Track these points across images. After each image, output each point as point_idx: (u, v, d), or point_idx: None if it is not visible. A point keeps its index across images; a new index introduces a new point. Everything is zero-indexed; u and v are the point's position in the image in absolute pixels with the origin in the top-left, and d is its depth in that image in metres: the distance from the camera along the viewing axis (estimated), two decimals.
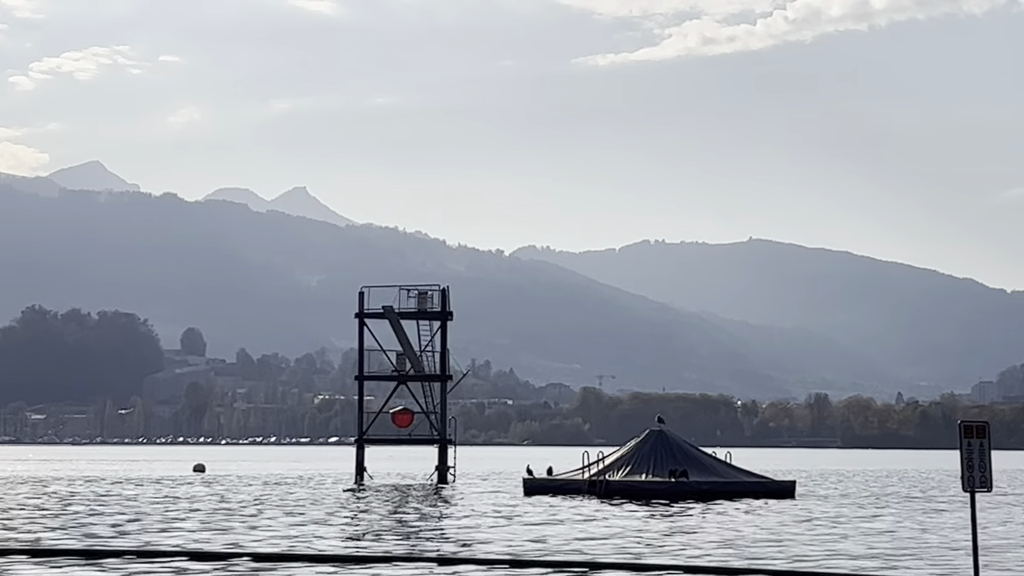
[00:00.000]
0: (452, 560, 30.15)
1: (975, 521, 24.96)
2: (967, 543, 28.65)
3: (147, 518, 46.22)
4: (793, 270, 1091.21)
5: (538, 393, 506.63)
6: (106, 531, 39.78)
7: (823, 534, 40.49)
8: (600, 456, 67.23)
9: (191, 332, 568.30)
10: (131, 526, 42.16)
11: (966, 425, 24.42)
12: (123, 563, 29.60)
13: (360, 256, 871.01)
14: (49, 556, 30.91)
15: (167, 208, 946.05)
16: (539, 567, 29.00)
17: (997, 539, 38.52)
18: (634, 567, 29.01)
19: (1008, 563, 31.48)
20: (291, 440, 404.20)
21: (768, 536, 39.30)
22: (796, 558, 32.23)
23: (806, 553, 33.64)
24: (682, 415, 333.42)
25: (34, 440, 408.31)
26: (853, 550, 34.73)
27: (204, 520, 45.07)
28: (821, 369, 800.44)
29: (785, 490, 65.06)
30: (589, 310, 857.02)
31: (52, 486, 75.95)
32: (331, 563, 29.65)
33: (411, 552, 32.83)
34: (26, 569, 28.46)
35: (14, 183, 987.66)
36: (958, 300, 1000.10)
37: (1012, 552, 34.53)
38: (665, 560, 30.84)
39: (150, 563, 29.73)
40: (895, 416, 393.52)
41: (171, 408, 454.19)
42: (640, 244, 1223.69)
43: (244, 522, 44.24)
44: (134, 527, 41.68)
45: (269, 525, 42.84)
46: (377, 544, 35.56)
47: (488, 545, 35.12)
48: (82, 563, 29.61)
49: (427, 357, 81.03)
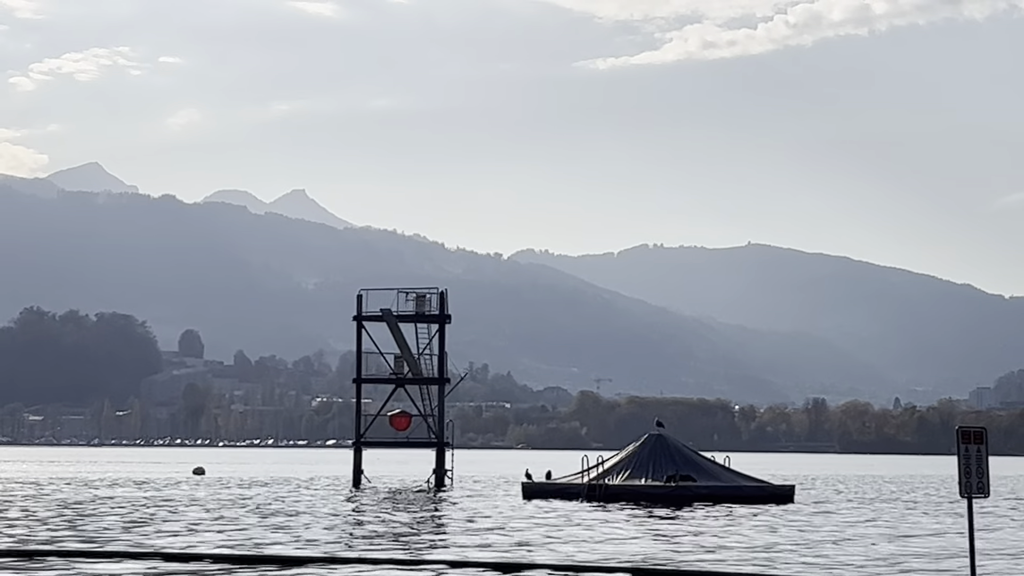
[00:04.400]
0: (456, 563, 30.16)
1: (972, 526, 25.03)
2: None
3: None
4: (791, 275, 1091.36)
5: (536, 396, 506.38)
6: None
7: (820, 540, 40.49)
8: (599, 460, 67.26)
9: (189, 334, 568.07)
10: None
11: (964, 431, 24.43)
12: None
13: (358, 258, 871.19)
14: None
15: (166, 210, 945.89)
16: (538, 568, 29.00)
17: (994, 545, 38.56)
18: (634, 571, 29.01)
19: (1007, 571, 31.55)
20: (288, 442, 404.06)
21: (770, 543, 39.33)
22: (790, 564, 32.25)
23: (806, 560, 33.66)
24: (679, 419, 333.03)
25: (31, 441, 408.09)
26: (856, 555, 34.74)
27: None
28: (819, 374, 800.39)
29: (784, 495, 65.11)
30: (587, 313, 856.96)
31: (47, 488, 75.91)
32: (342, 564, 29.70)
33: (411, 556, 32.84)
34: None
35: (13, 184, 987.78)
36: (956, 305, 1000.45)
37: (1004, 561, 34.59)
38: (666, 566, 30.86)
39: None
40: (892, 421, 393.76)
41: (169, 410, 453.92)
42: (639, 248, 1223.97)
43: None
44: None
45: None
46: (373, 549, 35.54)
47: (486, 549, 35.13)
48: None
49: (425, 360, 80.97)
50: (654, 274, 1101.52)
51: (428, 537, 39.66)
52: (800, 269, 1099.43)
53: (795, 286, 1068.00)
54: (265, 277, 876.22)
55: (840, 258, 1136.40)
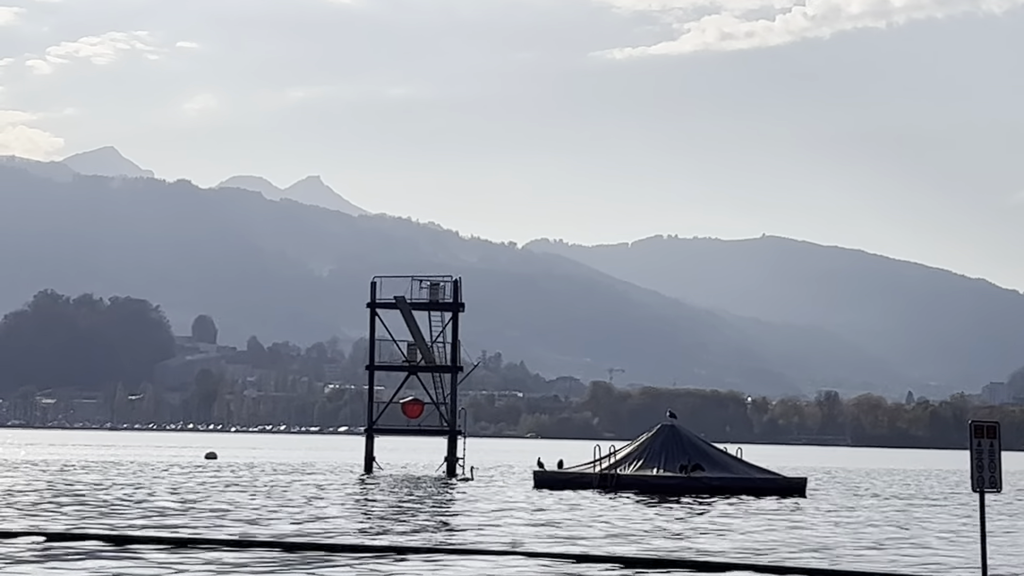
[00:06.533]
0: (469, 551, 30.26)
1: (984, 520, 25.11)
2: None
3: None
4: (806, 267, 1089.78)
5: (548, 386, 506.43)
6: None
7: (837, 531, 40.53)
8: (612, 450, 67.35)
9: (202, 319, 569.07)
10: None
11: (976, 425, 24.42)
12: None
13: (373, 246, 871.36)
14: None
15: (181, 195, 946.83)
16: (550, 558, 29.07)
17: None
18: (642, 562, 29.10)
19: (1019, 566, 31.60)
20: (301, 429, 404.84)
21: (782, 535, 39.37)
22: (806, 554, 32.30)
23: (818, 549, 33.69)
24: (692, 411, 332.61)
25: (44, 424, 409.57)
26: (868, 545, 34.78)
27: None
28: (832, 367, 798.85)
29: (796, 487, 65.15)
30: (601, 304, 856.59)
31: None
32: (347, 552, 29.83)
33: (426, 543, 32.93)
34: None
35: (29, 167, 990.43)
36: (970, 300, 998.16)
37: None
38: (683, 555, 30.90)
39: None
40: (905, 415, 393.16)
41: (181, 395, 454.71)
42: (653, 239, 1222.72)
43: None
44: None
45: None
46: (388, 536, 35.65)
47: (500, 537, 35.22)
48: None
49: (438, 348, 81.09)
50: (668, 265, 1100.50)
51: (444, 524, 39.74)
52: (815, 262, 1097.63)
53: (809, 279, 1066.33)
54: (279, 263, 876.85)
55: (855, 251, 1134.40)
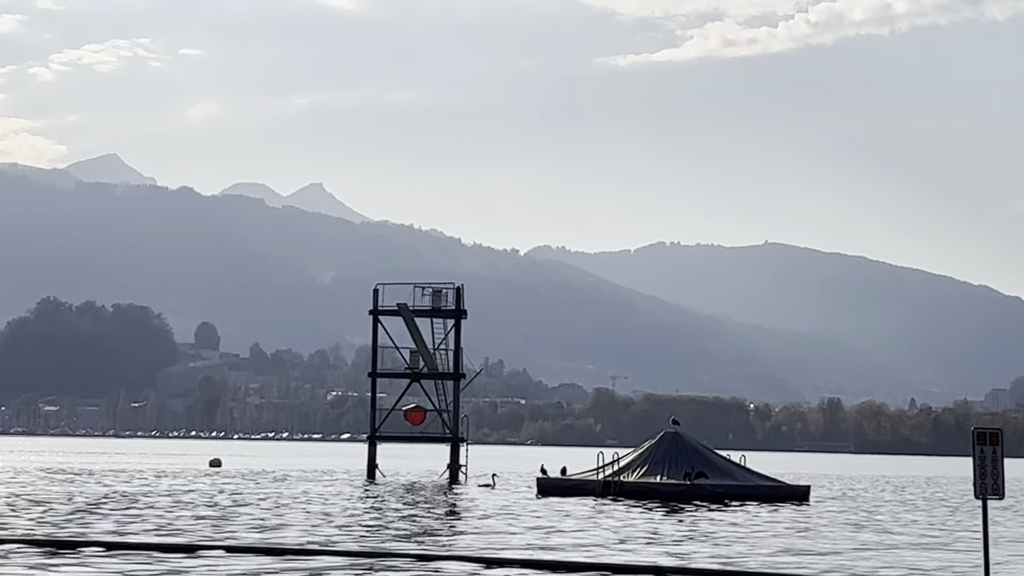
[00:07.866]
0: (471, 559, 30.23)
1: (987, 527, 25.06)
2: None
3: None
4: (808, 274, 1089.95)
5: (551, 393, 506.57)
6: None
7: (840, 537, 40.48)
8: (615, 457, 67.32)
9: (205, 326, 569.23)
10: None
11: (979, 432, 24.39)
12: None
13: (375, 253, 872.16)
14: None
15: (183, 202, 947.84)
16: (560, 570, 29.03)
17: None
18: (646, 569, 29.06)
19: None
20: (303, 435, 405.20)
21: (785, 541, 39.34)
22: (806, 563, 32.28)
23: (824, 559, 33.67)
24: (694, 417, 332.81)
25: (47, 431, 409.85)
26: (872, 551, 34.75)
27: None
28: (834, 374, 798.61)
29: (800, 494, 65.11)
30: (603, 311, 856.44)
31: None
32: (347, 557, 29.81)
33: (427, 551, 32.91)
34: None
35: (31, 175, 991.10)
36: (973, 307, 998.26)
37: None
38: (681, 563, 30.88)
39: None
40: (908, 422, 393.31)
41: (184, 402, 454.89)
42: (655, 245, 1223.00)
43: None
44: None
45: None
46: (393, 543, 35.63)
47: (503, 546, 35.18)
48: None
49: (440, 355, 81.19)
50: (671, 272, 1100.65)
51: (447, 532, 39.72)
52: (817, 269, 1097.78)
53: (812, 286, 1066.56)
54: (282, 270, 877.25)
55: (857, 258, 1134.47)
